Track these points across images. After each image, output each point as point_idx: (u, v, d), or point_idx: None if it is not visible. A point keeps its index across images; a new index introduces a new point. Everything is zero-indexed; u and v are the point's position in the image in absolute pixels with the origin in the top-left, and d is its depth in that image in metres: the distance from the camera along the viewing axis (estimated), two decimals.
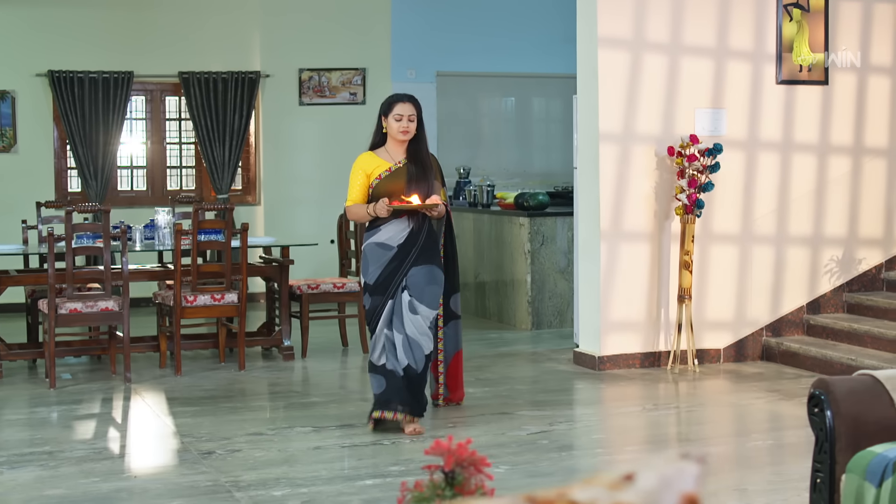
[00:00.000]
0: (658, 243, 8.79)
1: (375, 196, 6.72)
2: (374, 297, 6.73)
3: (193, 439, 6.83)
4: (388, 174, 6.75)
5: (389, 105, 6.76)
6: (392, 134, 6.74)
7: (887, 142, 9.34)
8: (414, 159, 6.78)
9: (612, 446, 6.67)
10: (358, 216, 6.84)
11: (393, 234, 6.71)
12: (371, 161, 6.80)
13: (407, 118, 6.71)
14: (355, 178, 6.79)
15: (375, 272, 6.72)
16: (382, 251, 6.71)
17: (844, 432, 4.23)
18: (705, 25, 8.86)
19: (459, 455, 3.44)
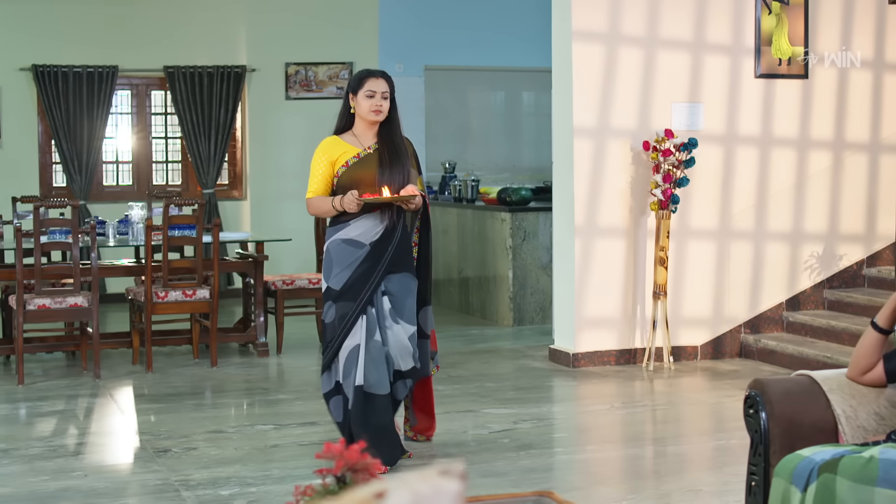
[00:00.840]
0: (634, 239, 8.68)
1: (342, 187, 5.86)
2: (340, 305, 5.80)
3: (152, 437, 6.76)
4: (356, 161, 5.85)
5: (360, 81, 5.86)
6: (362, 114, 5.85)
7: (868, 136, 9.21)
8: (386, 143, 5.86)
9: (572, 445, 6.58)
10: (321, 211, 5.95)
11: (365, 230, 5.84)
12: (336, 147, 5.90)
13: (380, 95, 5.81)
14: (317, 167, 5.89)
15: (343, 275, 5.82)
16: (352, 250, 5.83)
17: (779, 434, 4.13)
18: (682, 18, 8.74)
19: (349, 459, 3.35)
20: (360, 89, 5.85)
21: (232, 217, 12.74)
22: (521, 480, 5.79)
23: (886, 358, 4.15)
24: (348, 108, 5.94)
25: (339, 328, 5.81)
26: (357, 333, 5.80)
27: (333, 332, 5.85)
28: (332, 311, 5.85)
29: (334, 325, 5.84)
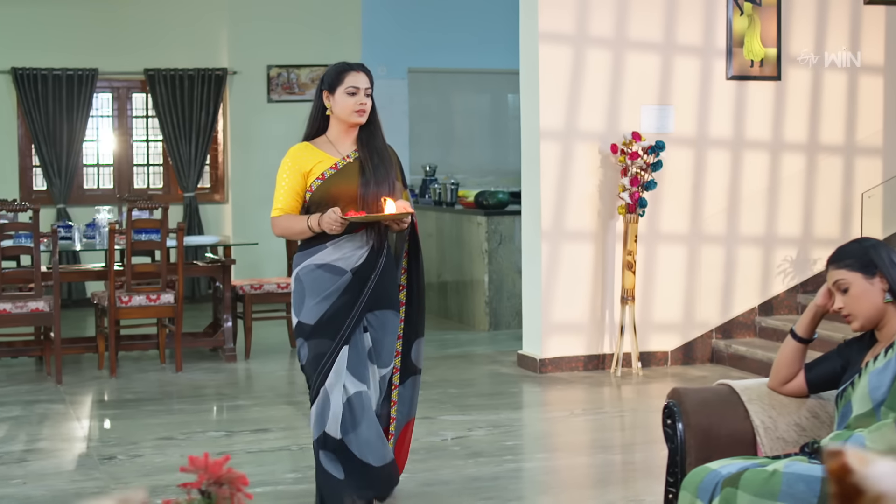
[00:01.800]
0: (602, 243, 8.57)
1: (316, 203, 4.90)
2: (317, 342, 4.90)
3: (100, 444, 6.69)
4: (334, 172, 4.89)
5: (338, 75, 4.91)
6: (343, 115, 4.90)
7: (843, 139, 9.08)
8: (369, 151, 4.94)
9: (523, 453, 6.47)
10: (291, 232, 4.97)
11: (346, 254, 4.90)
12: (309, 155, 4.93)
13: (363, 92, 4.91)
14: (286, 180, 4.93)
15: (319, 307, 4.89)
16: (330, 277, 4.89)
17: (695, 446, 4.03)
18: (651, 20, 8.63)
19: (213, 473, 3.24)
20: (339, 86, 4.88)
21: (213, 221, 12.66)
22: (462, 490, 5.70)
23: (808, 367, 4.05)
24: (322, 108, 4.96)
25: (319, 366, 4.91)
26: (332, 377, 4.90)
27: (313, 371, 4.97)
28: (304, 349, 4.96)
29: (314, 362, 4.94)
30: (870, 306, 3.73)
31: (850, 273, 3.72)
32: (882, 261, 3.71)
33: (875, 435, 3.55)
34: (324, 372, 4.89)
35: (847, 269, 3.72)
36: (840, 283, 3.74)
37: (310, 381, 5.00)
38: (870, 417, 3.64)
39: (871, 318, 3.74)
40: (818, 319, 3.98)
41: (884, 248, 3.76)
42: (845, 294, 3.74)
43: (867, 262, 3.71)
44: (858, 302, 3.73)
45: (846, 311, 3.76)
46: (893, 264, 3.72)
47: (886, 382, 3.63)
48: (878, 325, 3.76)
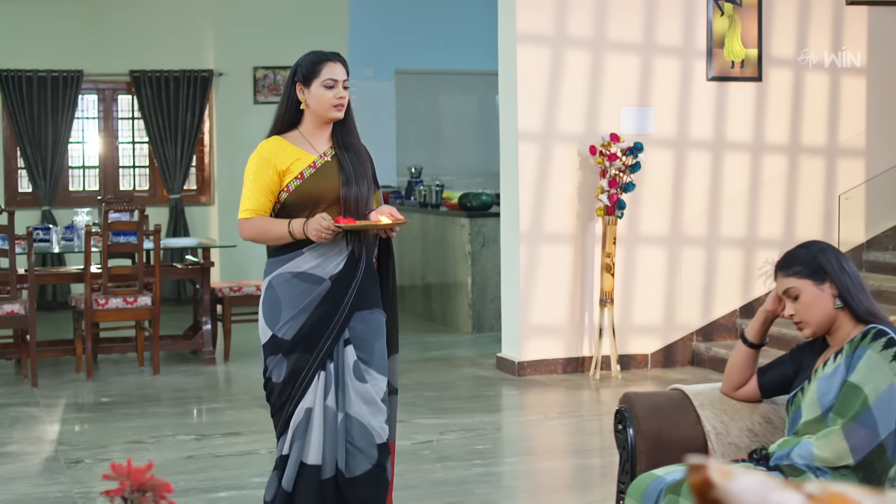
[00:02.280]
0: (581, 245, 8.52)
1: (291, 205, 4.42)
2: (294, 358, 4.39)
3: (69, 447, 6.64)
4: (313, 172, 4.42)
5: (313, 66, 4.42)
6: (320, 109, 4.43)
7: (825, 140, 9.03)
8: (346, 149, 4.50)
9: (493, 457, 6.41)
10: (267, 236, 4.42)
11: (323, 261, 4.41)
12: (284, 152, 4.44)
13: (342, 84, 4.45)
14: (258, 178, 4.40)
15: (296, 321, 4.38)
16: (307, 287, 4.39)
17: (645, 451, 3.98)
18: (631, 21, 8.58)
19: (136, 480, 3.20)
20: (315, 78, 4.41)
21: (200, 222, 12.62)
22: (428, 494, 5.66)
23: (761, 372, 4.00)
24: (296, 102, 4.46)
25: (287, 387, 4.40)
26: (311, 395, 4.41)
27: (280, 391, 4.45)
28: (282, 366, 4.41)
29: (286, 382, 4.41)
30: (820, 313, 3.67)
31: (800, 280, 3.65)
32: (831, 266, 3.65)
33: (822, 442, 3.50)
34: (302, 388, 4.37)
35: (796, 276, 3.66)
36: (790, 291, 3.68)
37: (280, 400, 4.43)
38: (818, 423, 3.59)
39: (823, 325, 3.68)
40: (769, 324, 3.93)
41: (832, 252, 3.70)
42: (796, 301, 3.67)
43: (816, 268, 3.65)
44: (809, 309, 3.67)
45: (797, 319, 3.70)
46: (843, 269, 3.66)
47: (835, 388, 3.58)
48: (829, 330, 3.71)
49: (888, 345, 3.51)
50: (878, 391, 3.47)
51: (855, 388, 3.49)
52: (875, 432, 3.46)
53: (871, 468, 3.46)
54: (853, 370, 3.53)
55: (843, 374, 3.57)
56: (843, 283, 3.63)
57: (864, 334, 3.56)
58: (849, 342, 3.60)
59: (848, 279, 3.64)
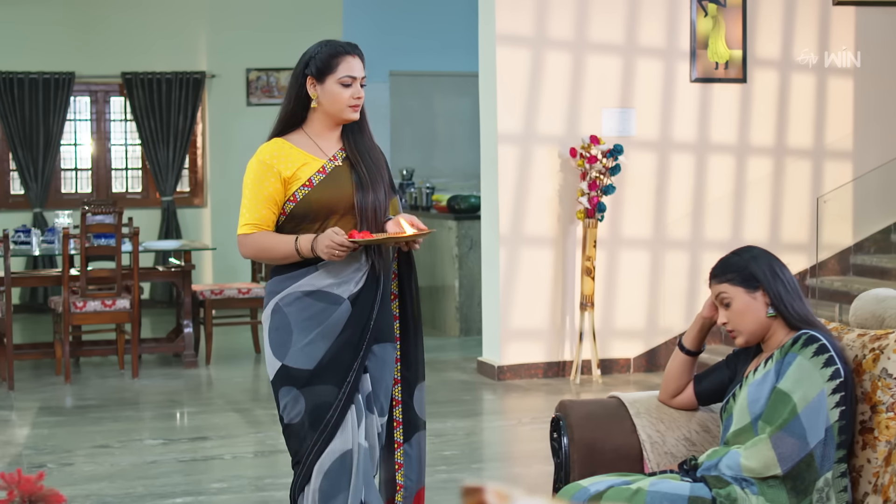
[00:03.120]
0: (562, 248, 8.43)
1: (301, 216, 3.87)
2: (318, 390, 3.81)
3: (34, 452, 6.60)
4: (323, 178, 3.88)
5: (330, 60, 3.85)
6: (334, 109, 3.87)
7: (811, 142, 8.92)
8: (359, 151, 3.95)
9: (458, 464, 6.33)
10: (272, 254, 3.88)
11: (340, 279, 3.85)
12: (289, 156, 3.88)
13: (360, 82, 3.91)
14: (260, 186, 3.84)
15: (316, 347, 3.83)
16: (324, 307, 3.84)
17: (579, 460, 3.90)
18: (613, 22, 8.49)
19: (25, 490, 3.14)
20: (331, 73, 3.84)
21: (192, 225, 12.57)
22: None
23: (697, 379, 3.92)
24: (305, 98, 3.90)
25: (316, 428, 3.80)
26: (343, 436, 3.81)
27: (306, 436, 3.83)
28: (299, 402, 3.82)
29: (303, 423, 3.82)
30: (753, 321, 3.59)
31: (732, 287, 3.58)
32: (763, 274, 3.57)
33: (750, 451, 3.41)
34: (331, 427, 3.79)
35: (729, 283, 3.58)
36: (722, 298, 3.60)
37: (301, 444, 3.84)
38: (748, 432, 3.51)
39: (756, 333, 3.60)
40: (705, 331, 3.85)
41: (766, 259, 3.61)
42: (728, 309, 3.60)
43: (748, 276, 3.57)
44: (741, 317, 3.59)
45: (730, 327, 3.63)
46: (776, 276, 3.57)
47: (764, 395, 3.49)
48: (763, 338, 3.63)
49: (819, 351, 3.42)
50: (807, 399, 3.38)
51: (784, 396, 3.41)
52: (804, 441, 3.37)
53: (799, 478, 3.38)
54: (783, 377, 3.44)
55: (772, 381, 3.48)
56: (776, 291, 3.55)
57: (794, 340, 3.48)
58: (779, 348, 3.52)
59: (781, 287, 3.56)
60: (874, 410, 3.48)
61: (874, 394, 3.48)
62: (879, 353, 3.52)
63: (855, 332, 3.69)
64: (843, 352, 3.49)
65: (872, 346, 3.56)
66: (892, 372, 3.46)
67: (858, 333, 3.67)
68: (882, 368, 3.48)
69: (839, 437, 3.39)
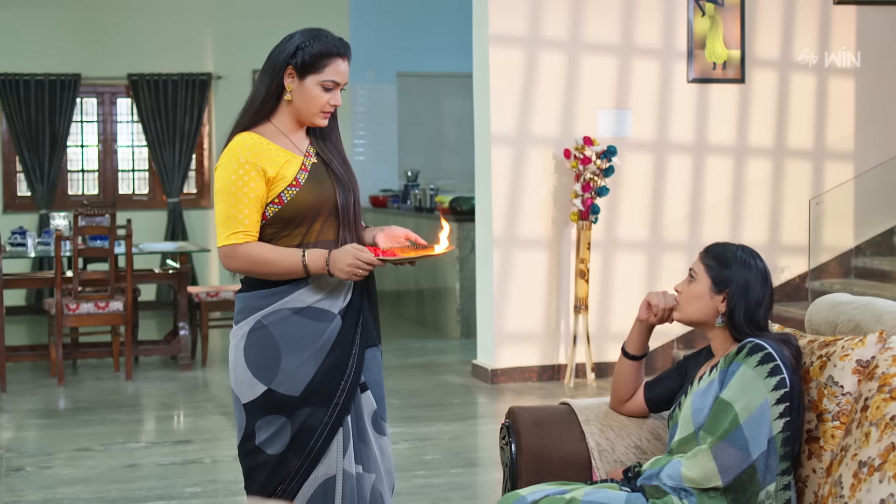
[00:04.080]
0: (557, 251, 8.35)
1: (286, 220, 3.51)
2: (306, 413, 3.49)
3: (15, 454, 6.58)
4: (307, 177, 3.53)
5: (318, 58, 3.52)
6: (306, 111, 3.53)
7: (812, 143, 8.80)
8: (327, 147, 3.64)
9: (438, 468, 6.25)
10: (268, 269, 3.46)
11: (331, 293, 3.52)
12: (268, 152, 3.49)
13: (341, 87, 3.57)
14: (246, 187, 3.44)
15: (305, 369, 3.49)
16: (315, 326, 3.50)
17: (526, 468, 3.82)
18: (608, 22, 8.40)
19: None
20: (316, 72, 3.51)
21: (199, 226, 12.55)
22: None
23: (648, 386, 3.84)
24: (279, 89, 3.55)
25: (299, 455, 3.49)
26: (328, 460, 3.52)
27: (285, 466, 3.51)
28: (285, 432, 3.50)
29: (285, 456, 3.50)
30: (697, 313, 3.54)
31: (704, 274, 3.50)
32: (735, 286, 3.44)
33: (691, 461, 3.33)
34: (315, 452, 3.49)
35: (706, 267, 3.50)
36: (691, 272, 3.54)
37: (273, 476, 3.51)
38: (691, 441, 3.42)
39: (693, 322, 3.58)
40: (645, 334, 3.78)
41: (752, 273, 3.46)
42: (689, 284, 3.53)
43: (723, 277, 3.46)
44: (690, 301, 3.54)
45: (678, 299, 3.58)
46: (745, 293, 3.42)
47: (708, 405, 3.41)
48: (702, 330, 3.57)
49: (764, 360, 3.32)
50: (749, 409, 3.29)
51: (726, 405, 3.32)
52: (746, 452, 3.28)
53: (741, 490, 3.29)
54: (726, 386, 3.36)
55: (716, 390, 3.40)
56: (733, 307, 3.44)
57: (739, 349, 3.38)
58: (725, 356, 3.44)
59: (743, 306, 3.43)
60: (820, 419, 3.39)
61: (820, 402, 3.39)
62: (826, 360, 3.43)
63: (806, 338, 3.61)
64: (792, 360, 3.39)
65: (820, 353, 3.47)
66: (838, 380, 3.37)
67: (808, 340, 3.59)
68: (828, 376, 3.40)
69: (783, 449, 3.30)
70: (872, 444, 3.09)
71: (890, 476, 2.97)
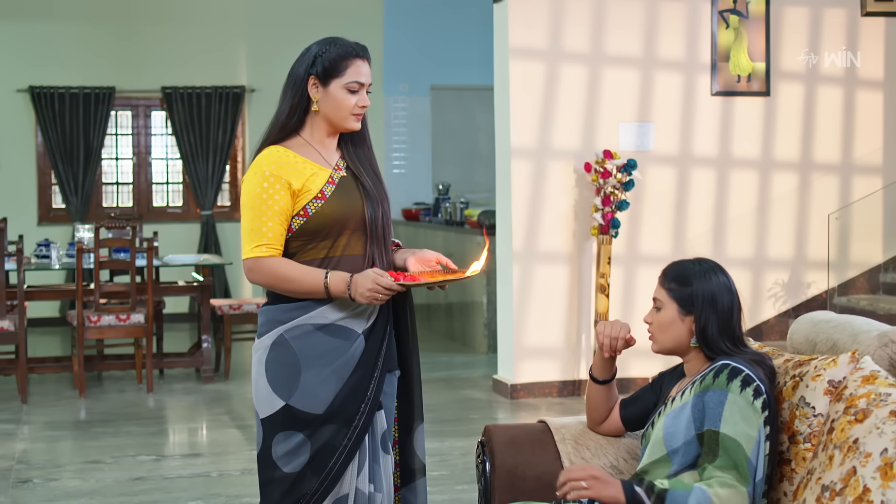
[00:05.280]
0: (578, 265, 8.27)
1: (311, 234, 3.49)
2: (327, 432, 3.46)
3: (25, 466, 6.59)
4: (334, 190, 3.51)
5: (339, 62, 3.55)
6: (337, 116, 3.53)
7: (839, 156, 8.67)
8: (359, 159, 3.62)
9: (444, 485, 6.19)
10: (289, 286, 3.43)
11: (355, 310, 3.49)
12: (295, 165, 3.48)
13: (366, 89, 3.59)
14: (271, 201, 3.45)
15: (327, 387, 3.46)
16: (338, 344, 3.47)
17: (500, 487, 3.76)
18: (630, 34, 8.32)
19: None
20: (337, 77, 3.53)
21: (232, 239, 12.57)
22: None
23: (624, 404, 3.77)
24: (304, 102, 3.57)
25: (318, 474, 3.46)
26: (347, 476, 3.49)
27: (303, 484, 3.47)
28: (304, 449, 3.46)
29: (303, 474, 3.46)
30: (672, 340, 3.44)
31: (669, 299, 3.40)
32: (701, 301, 3.34)
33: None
34: (334, 473, 3.45)
35: (668, 291, 3.40)
36: (656, 301, 3.44)
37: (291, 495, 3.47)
38: (664, 464, 3.31)
39: (671, 350, 3.46)
40: (609, 360, 3.72)
41: (714, 282, 3.36)
42: (657, 313, 3.44)
43: (687, 297, 3.36)
44: (663, 330, 3.44)
45: (650, 330, 3.48)
46: (713, 306, 3.33)
47: (681, 430, 3.27)
48: (680, 356, 3.47)
49: (745, 383, 3.19)
50: (751, 439, 3.13)
51: (731, 441, 3.13)
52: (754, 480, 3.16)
53: None
54: (715, 417, 3.19)
55: (689, 415, 3.27)
56: (704, 323, 3.34)
57: (716, 373, 3.25)
58: (699, 378, 3.32)
59: (714, 318, 3.33)
60: (792, 441, 3.30)
61: (792, 423, 3.31)
62: (799, 380, 3.34)
63: (782, 357, 3.52)
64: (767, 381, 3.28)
65: (794, 373, 3.38)
66: (810, 401, 3.28)
67: (785, 359, 3.49)
68: (800, 397, 3.31)
69: (767, 469, 3.21)
70: (835, 467, 3.00)
71: (850, 501, 2.88)
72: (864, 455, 2.91)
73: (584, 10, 8.23)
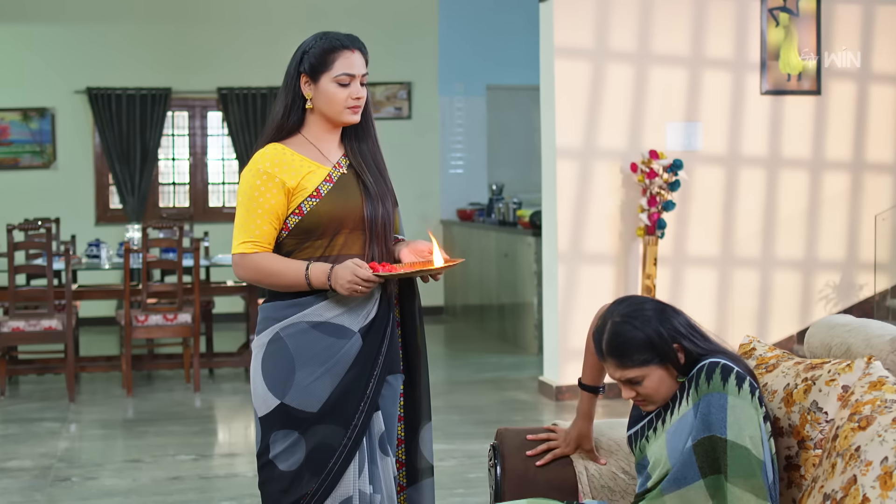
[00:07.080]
0: (625, 266, 8.20)
1: (305, 232, 3.46)
2: (322, 431, 3.44)
3: (65, 465, 6.65)
4: (331, 187, 3.48)
5: (324, 56, 3.50)
6: (331, 112, 3.49)
7: (892, 156, 8.51)
8: (362, 156, 3.57)
9: (478, 487, 6.17)
10: (273, 280, 3.44)
11: (351, 308, 3.45)
12: (292, 163, 3.47)
13: (359, 79, 3.51)
14: (261, 199, 3.43)
15: (322, 385, 3.43)
16: (332, 342, 3.44)
17: (509, 491, 3.73)
18: (678, 33, 8.22)
19: None
20: (326, 71, 3.48)
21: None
22: None
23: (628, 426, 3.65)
24: (301, 99, 3.54)
25: (318, 475, 3.42)
26: (347, 481, 3.46)
27: (300, 485, 3.44)
28: (299, 448, 3.43)
29: (300, 473, 3.44)
30: (667, 390, 3.21)
31: (640, 368, 3.18)
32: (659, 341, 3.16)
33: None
34: (334, 474, 3.42)
35: (633, 363, 3.17)
36: (632, 381, 3.21)
37: (289, 493, 3.44)
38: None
39: (668, 398, 3.26)
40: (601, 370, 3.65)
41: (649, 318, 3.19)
42: (640, 385, 3.21)
43: (649, 349, 3.17)
44: (656, 390, 3.22)
45: (640, 399, 3.26)
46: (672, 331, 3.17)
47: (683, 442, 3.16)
48: None
49: (739, 379, 3.08)
50: (755, 439, 3.04)
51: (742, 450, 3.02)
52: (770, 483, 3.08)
53: None
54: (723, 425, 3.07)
55: (689, 426, 3.15)
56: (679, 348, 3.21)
57: (707, 376, 3.13)
58: (691, 384, 3.18)
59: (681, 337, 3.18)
60: (801, 446, 3.21)
61: (803, 428, 3.22)
62: (811, 384, 3.25)
63: (792, 360, 3.43)
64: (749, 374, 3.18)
65: (805, 377, 3.29)
66: (822, 406, 3.19)
67: (795, 361, 3.41)
68: (812, 401, 3.22)
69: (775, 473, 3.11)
70: (837, 475, 2.92)
71: None
72: (865, 463, 2.84)
73: (630, 9, 8.15)
